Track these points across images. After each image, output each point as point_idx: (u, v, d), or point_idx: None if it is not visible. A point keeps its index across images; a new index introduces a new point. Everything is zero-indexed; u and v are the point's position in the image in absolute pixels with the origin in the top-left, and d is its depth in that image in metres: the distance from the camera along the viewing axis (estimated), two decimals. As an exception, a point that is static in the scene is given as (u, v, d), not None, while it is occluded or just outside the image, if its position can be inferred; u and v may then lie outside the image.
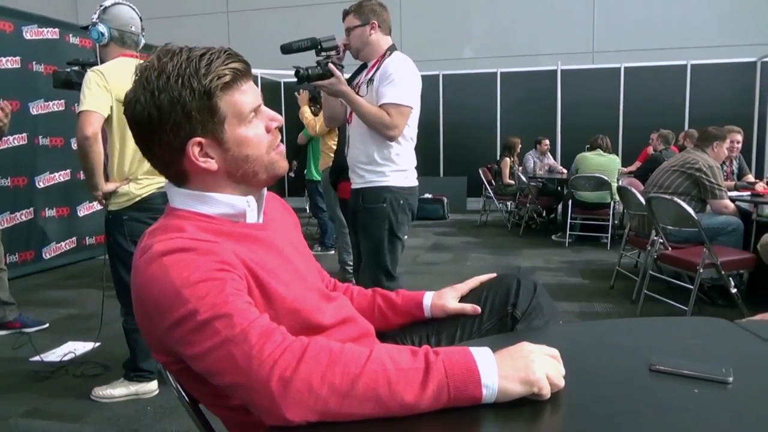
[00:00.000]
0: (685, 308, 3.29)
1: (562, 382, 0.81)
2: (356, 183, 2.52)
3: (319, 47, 2.28)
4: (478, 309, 1.24)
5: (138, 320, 0.93)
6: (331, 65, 2.24)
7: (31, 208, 5.13)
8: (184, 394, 1.01)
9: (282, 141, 1.07)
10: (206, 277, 0.84)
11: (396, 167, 2.41)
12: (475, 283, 1.30)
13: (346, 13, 2.48)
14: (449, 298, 1.27)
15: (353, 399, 0.75)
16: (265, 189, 1.10)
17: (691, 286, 3.29)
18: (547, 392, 0.78)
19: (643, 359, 0.91)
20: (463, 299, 1.28)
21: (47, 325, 3.62)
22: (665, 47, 8.84)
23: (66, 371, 2.88)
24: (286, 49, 2.25)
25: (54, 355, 3.10)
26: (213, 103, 0.95)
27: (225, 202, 1.01)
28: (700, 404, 0.80)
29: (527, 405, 0.78)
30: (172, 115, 0.94)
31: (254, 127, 1.00)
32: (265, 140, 1.02)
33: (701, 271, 3.17)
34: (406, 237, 2.51)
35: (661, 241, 3.61)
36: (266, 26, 10.38)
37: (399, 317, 1.29)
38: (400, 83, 2.32)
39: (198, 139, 0.96)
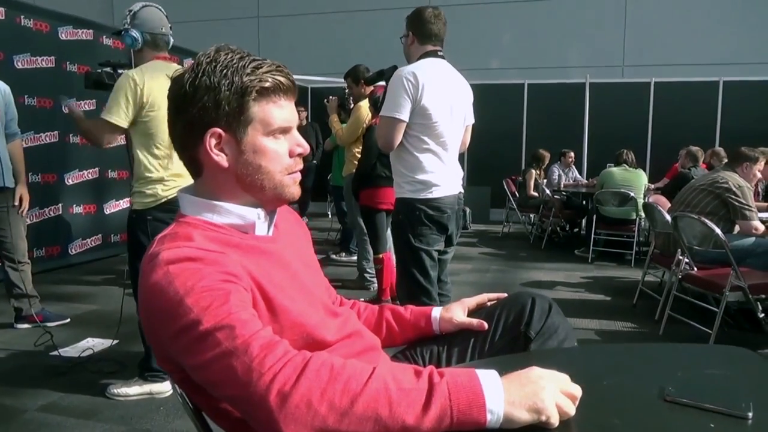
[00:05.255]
0: (710, 331, 3.20)
1: (572, 411, 0.78)
2: None
3: (384, 77, 2.61)
4: (485, 324, 1.22)
5: (144, 327, 0.93)
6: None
7: (60, 204, 5.24)
8: (188, 401, 1.00)
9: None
10: (211, 288, 0.84)
11: (409, 179, 2.40)
12: (482, 299, 1.29)
13: None
14: (457, 312, 1.26)
15: (352, 418, 0.73)
16: None
17: (717, 309, 3.20)
18: (555, 421, 0.76)
19: (658, 388, 0.87)
20: (476, 316, 1.26)
21: (68, 320, 3.69)
22: (697, 63, 8.67)
23: (84, 367, 2.92)
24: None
25: (73, 350, 3.16)
26: (244, 102, 0.96)
27: (235, 212, 1.01)
28: (716, 441, 0.76)
29: (533, 432, 0.76)
30: (203, 98, 0.96)
31: (277, 143, 1.00)
32: (284, 161, 1.02)
33: (727, 293, 3.08)
34: (436, 249, 2.47)
35: (687, 261, 3.52)
36: (296, 32, 10.49)
37: (408, 331, 1.27)
38: (388, 95, 2.35)
39: (218, 130, 0.97)
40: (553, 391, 0.77)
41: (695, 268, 3.50)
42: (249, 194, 1.02)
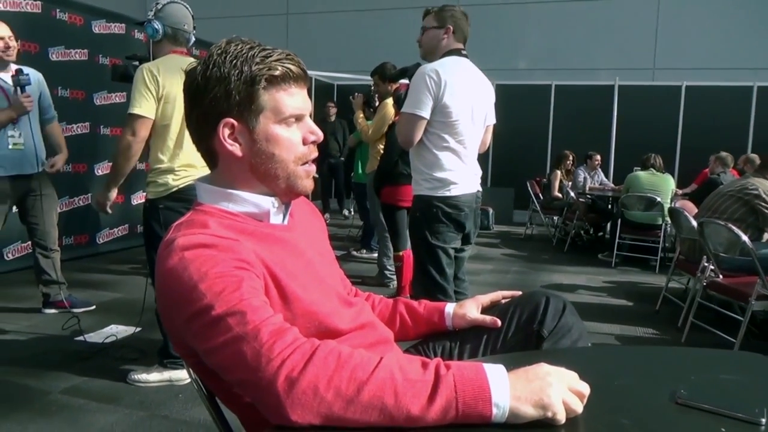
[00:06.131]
0: (734, 340, 3.13)
1: (579, 409, 0.78)
2: None
3: (407, 74, 2.65)
4: (498, 321, 1.22)
5: (160, 312, 0.95)
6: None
7: (89, 194, 5.35)
8: (202, 386, 1.02)
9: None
10: (224, 274, 0.86)
11: (428, 176, 2.40)
12: (496, 296, 1.29)
13: (426, 12, 2.52)
14: (471, 308, 1.26)
15: (358, 406, 0.74)
16: None
17: (742, 318, 3.13)
18: (561, 418, 0.76)
19: (670, 391, 0.86)
20: (490, 313, 1.26)
21: (94, 306, 3.77)
22: (731, 67, 8.48)
23: (107, 353, 2.99)
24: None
25: (97, 336, 3.23)
26: (254, 90, 0.97)
27: (250, 200, 1.03)
28: (726, 445, 0.75)
29: (540, 428, 0.75)
30: (215, 89, 0.97)
31: (289, 131, 1.02)
32: (298, 149, 1.03)
33: (753, 302, 3.01)
34: (452, 246, 2.46)
35: (712, 268, 3.45)
36: (324, 29, 10.53)
37: (421, 326, 1.28)
38: (410, 91, 2.36)
39: (231, 120, 0.99)
40: (560, 387, 0.77)
41: (721, 276, 3.43)
42: (263, 184, 1.04)
